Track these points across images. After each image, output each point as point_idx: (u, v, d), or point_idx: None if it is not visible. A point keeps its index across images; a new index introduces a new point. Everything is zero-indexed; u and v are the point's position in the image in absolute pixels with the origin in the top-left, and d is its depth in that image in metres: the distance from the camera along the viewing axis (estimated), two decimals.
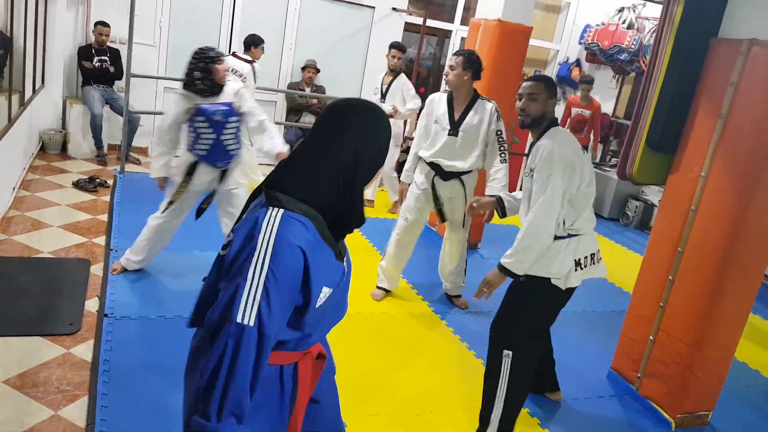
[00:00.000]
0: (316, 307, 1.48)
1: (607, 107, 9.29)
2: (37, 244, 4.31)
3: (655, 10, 7.92)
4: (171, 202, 3.91)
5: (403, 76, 6.27)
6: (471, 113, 4.14)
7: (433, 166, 4.24)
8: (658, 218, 3.64)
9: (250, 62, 6.23)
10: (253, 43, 6.27)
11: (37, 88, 5.67)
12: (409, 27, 8.24)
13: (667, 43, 3.48)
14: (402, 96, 6.19)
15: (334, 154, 1.48)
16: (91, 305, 3.66)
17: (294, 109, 7.59)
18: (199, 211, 3.95)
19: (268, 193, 1.47)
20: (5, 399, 2.72)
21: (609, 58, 8.51)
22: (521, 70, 5.80)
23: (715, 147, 3.19)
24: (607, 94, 9.23)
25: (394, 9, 7.94)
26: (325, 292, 1.49)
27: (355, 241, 5.53)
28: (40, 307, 3.53)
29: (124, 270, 4.07)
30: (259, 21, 7.44)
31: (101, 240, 4.58)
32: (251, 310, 1.34)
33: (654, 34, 7.59)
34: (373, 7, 7.89)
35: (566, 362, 3.67)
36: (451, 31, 8.62)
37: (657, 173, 3.66)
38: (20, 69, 5.16)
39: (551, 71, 9.28)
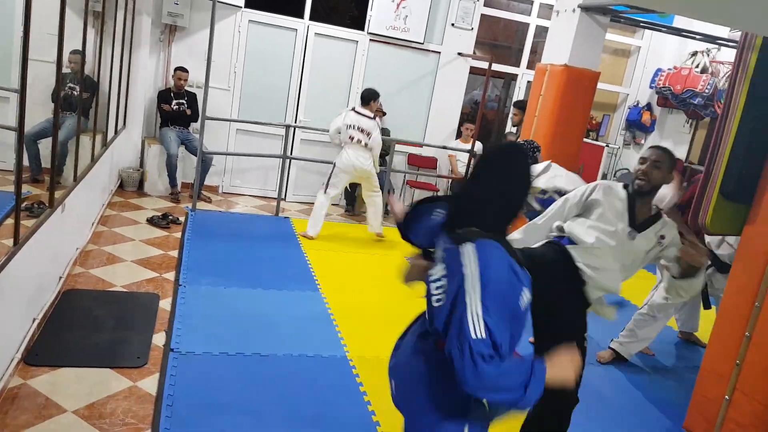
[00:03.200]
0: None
1: (681, 152, 9.03)
2: (111, 278, 4.48)
3: (730, 55, 7.72)
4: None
5: None
6: None
7: None
8: (734, 271, 3.49)
9: (372, 117, 6.27)
10: (371, 97, 6.32)
11: (119, 129, 5.97)
12: (474, 70, 8.30)
13: (741, 89, 3.39)
14: None
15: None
16: (159, 339, 3.77)
17: None
18: None
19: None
20: (73, 429, 2.80)
21: (681, 102, 8.30)
22: (588, 115, 5.74)
23: None
24: (679, 139, 8.99)
25: (459, 54, 8.03)
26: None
27: None
28: (111, 340, 3.65)
29: None
30: (328, 67, 7.66)
31: (171, 275, 4.73)
32: None
33: (728, 79, 7.42)
34: (439, 53, 8.00)
35: (637, 419, 3.52)
36: (516, 75, 8.63)
37: (732, 223, 3.53)
38: (104, 111, 5.46)
39: (621, 115, 9.13)
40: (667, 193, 4.27)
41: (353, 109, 6.35)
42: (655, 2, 3.65)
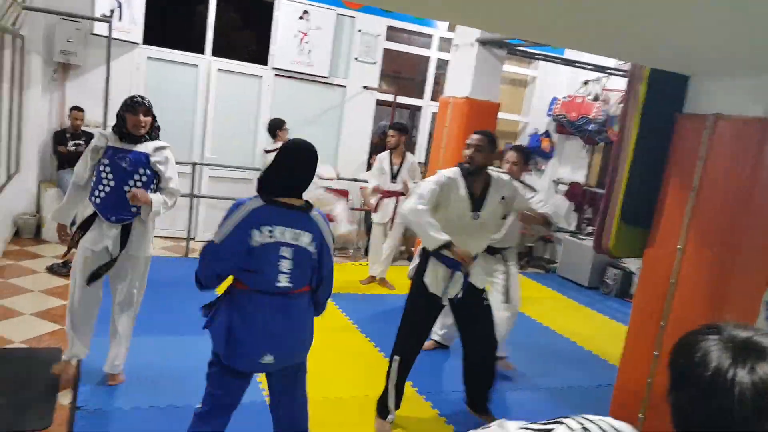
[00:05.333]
0: None
1: (580, 176, 9.45)
2: (8, 333, 4.18)
3: (620, 83, 8.16)
4: (66, 263, 3.55)
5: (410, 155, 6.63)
6: None
7: None
8: (638, 292, 3.66)
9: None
10: (277, 126, 6.39)
11: (11, 174, 5.62)
12: (381, 102, 8.41)
13: (633, 118, 3.59)
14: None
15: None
16: (64, 397, 3.53)
17: None
18: (92, 276, 3.53)
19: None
20: None
21: (577, 129, 8.71)
22: None
23: (689, 220, 3.25)
24: (578, 164, 9.41)
25: (365, 87, 8.13)
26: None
27: (333, 319, 5.47)
28: (10, 403, 3.38)
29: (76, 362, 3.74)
30: (233, 102, 7.56)
31: None
32: None
33: (619, 105, 7.86)
34: (345, 86, 8.07)
35: None
36: (421, 106, 8.82)
37: (633, 247, 3.71)
38: None
39: (522, 142, 9.48)
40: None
41: (265, 149, 6.44)
42: (545, 36, 3.85)
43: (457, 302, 3.65)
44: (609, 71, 6.96)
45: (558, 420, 1.16)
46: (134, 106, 3.47)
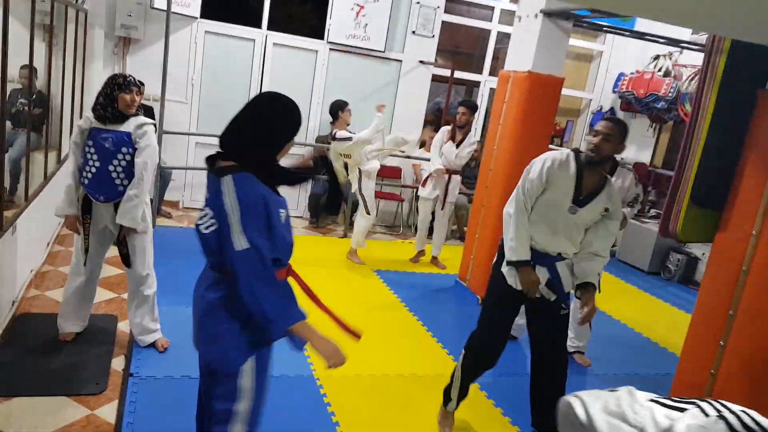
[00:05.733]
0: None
1: (645, 156, 9.10)
2: None
3: (693, 58, 7.79)
4: (86, 250, 3.66)
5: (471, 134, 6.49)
6: None
7: None
8: (706, 278, 3.45)
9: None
10: (339, 108, 6.12)
11: None
12: (437, 78, 8.24)
13: (710, 94, 3.36)
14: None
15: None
16: (118, 363, 3.60)
17: (324, 161, 7.55)
18: (124, 257, 3.67)
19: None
20: None
21: (645, 106, 8.36)
22: (553, 121, 5.71)
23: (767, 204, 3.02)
24: (644, 143, 9.06)
25: (421, 62, 7.96)
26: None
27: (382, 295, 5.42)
28: (67, 366, 3.47)
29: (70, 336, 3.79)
30: (288, 77, 7.52)
31: None
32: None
33: (691, 82, 7.50)
34: (401, 61, 7.92)
35: None
36: (479, 82, 8.60)
37: (703, 231, 3.50)
38: (58, 127, 5.23)
39: (585, 120, 9.17)
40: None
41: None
42: (618, 5, 3.61)
43: (537, 303, 3.21)
44: (682, 45, 6.59)
45: (693, 401, 1.08)
46: (128, 85, 3.51)
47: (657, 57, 8.38)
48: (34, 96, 4.37)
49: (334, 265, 6.13)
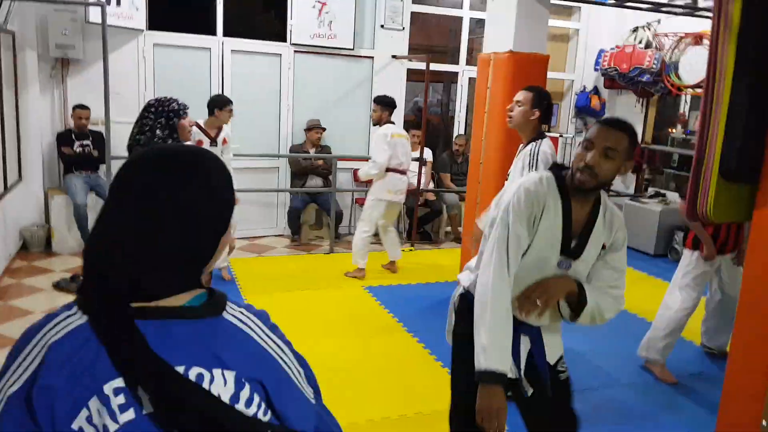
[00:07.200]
0: None
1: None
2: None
3: (674, 25, 7.38)
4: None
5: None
6: None
7: None
8: (749, 263, 2.92)
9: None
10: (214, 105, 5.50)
11: (11, 183, 5.14)
12: (413, 76, 7.72)
13: (727, 48, 2.84)
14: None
15: None
16: None
17: (299, 173, 7.02)
18: None
19: None
20: None
21: (630, 81, 7.93)
22: None
23: None
24: (632, 120, 8.58)
25: (394, 57, 7.44)
26: None
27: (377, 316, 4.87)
28: None
29: None
30: (251, 85, 6.97)
31: None
32: None
33: (675, 51, 7.06)
34: (372, 57, 7.39)
35: None
36: (457, 74, 8.08)
37: (738, 209, 2.96)
38: None
39: (569, 102, 8.68)
40: None
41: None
42: None
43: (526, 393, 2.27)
44: (664, 10, 6.11)
45: None
46: (184, 109, 3.31)
47: (636, 29, 7.99)
48: None
49: (320, 285, 5.56)
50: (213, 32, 6.78)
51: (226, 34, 6.83)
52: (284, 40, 7.05)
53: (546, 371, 2.23)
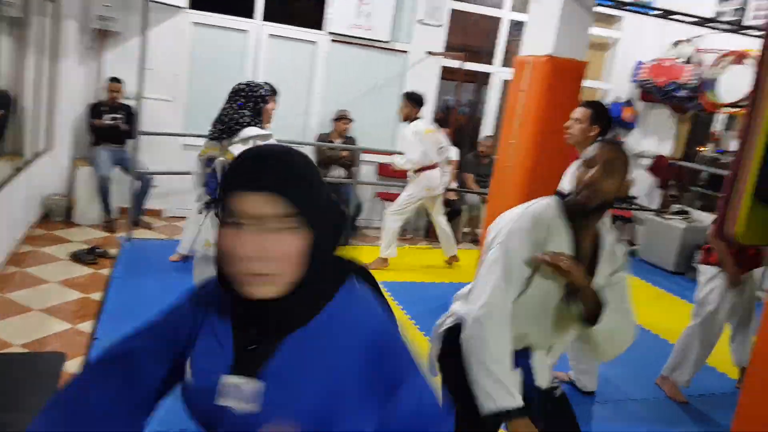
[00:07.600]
0: None
1: (665, 149, 8.53)
2: (9, 335, 3.60)
3: (717, 41, 7.25)
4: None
5: None
6: None
7: None
8: None
9: None
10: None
11: (41, 151, 5.19)
12: (446, 75, 7.66)
13: None
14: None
15: None
16: (84, 327, 3.18)
17: (323, 163, 7.02)
18: None
19: None
20: None
21: (665, 95, 7.82)
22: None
23: None
24: (664, 135, 8.50)
25: (429, 53, 7.39)
26: None
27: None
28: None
29: None
30: (285, 70, 6.96)
31: (87, 326, 3.84)
32: None
33: (716, 67, 6.93)
34: (407, 52, 7.35)
35: None
36: (489, 75, 8.00)
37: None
38: (20, 130, 4.70)
39: None
40: None
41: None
42: None
43: None
44: (710, 25, 5.99)
45: None
46: (271, 93, 3.42)
47: (677, 43, 7.86)
48: None
49: None
50: (252, 15, 6.79)
51: (265, 18, 6.84)
52: (321, 28, 7.04)
53: (533, 390, 2.07)
